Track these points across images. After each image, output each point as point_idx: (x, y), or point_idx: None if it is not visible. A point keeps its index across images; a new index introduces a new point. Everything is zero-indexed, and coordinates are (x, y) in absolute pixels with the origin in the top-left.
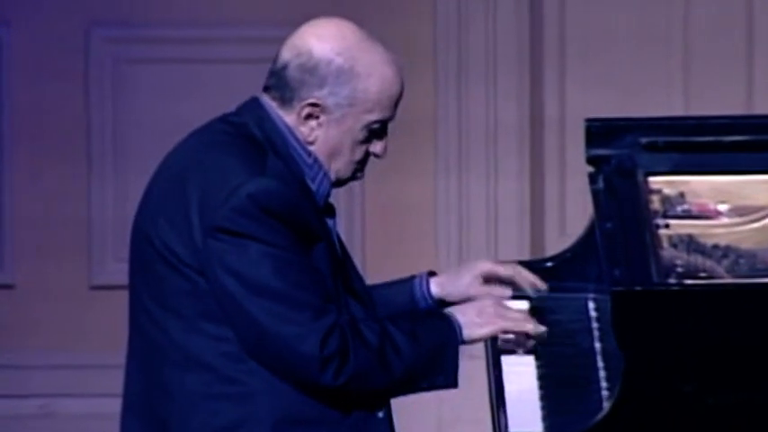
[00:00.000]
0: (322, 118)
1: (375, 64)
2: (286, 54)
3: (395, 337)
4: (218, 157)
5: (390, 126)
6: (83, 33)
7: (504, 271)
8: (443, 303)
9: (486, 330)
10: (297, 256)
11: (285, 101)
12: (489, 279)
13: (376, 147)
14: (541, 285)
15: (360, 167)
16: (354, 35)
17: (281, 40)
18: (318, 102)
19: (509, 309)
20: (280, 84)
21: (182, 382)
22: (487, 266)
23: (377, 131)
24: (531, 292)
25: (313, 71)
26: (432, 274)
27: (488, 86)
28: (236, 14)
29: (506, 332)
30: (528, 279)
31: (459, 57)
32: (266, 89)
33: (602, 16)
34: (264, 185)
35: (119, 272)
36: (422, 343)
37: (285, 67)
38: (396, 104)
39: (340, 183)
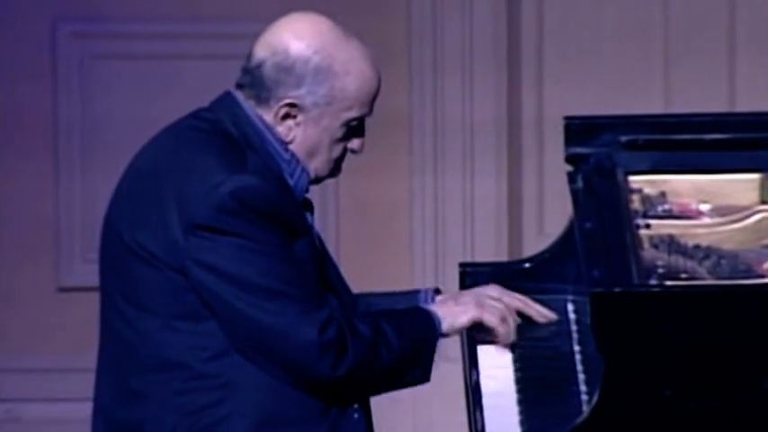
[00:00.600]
0: (300, 117)
1: (353, 61)
2: (261, 52)
3: (386, 331)
4: (195, 154)
5: (365, 124)
6: (49, 28)
7: (510, 302)
8: None
9: (466, 317)
10: (282, 252)
11: (261, 99)
12: None
13: (354, 143)
14: (551, 317)
15: (338, 165)
16: (331, 32)
17: (253, 36)
18: (296, 101)
19: (489, 298)
20: (255, 83)
21: (156, 382)
22: (495, 293)
23: (355, 129)
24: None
25: (290, 70)
26: (437, 291)
27: (464, 83)
28: (207, 10)
29: (483, 324)
30: (537, 311)
31: (435, 53)
32: (240, 87)
33: (581, 12)
34: (246, 182)
35: (87, 273)
36: (407, 338)
37: (260, 65)
38: (373, 100)
39: (318, 180)
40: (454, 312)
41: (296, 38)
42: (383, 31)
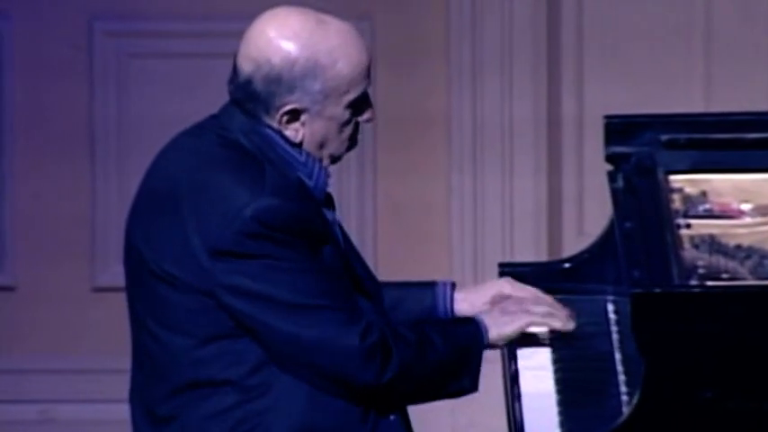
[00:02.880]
0: (303, 117)
1: (336, 48)
2: (246, 67)
3: (432, 337)
4: (214, 175)
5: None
6: (85, 27)
7: (524, 296)
8: None
9: (514, 326)
10: (312, 265)
11: (261, 111)
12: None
13: (364, 116)
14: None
15: (352, 141)
16: (305, 24)
17: None
18: (294, 106)
19: (532, 301)
20: (249, 98)
21: (191, 401)
22: (507, 289)
23: (359, 106)
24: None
25: (278, 80)
26: (453, 286)
27: (504, 82)
28: (243, 7)
29: (533, 325)
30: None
31: (474, 52)
32: (236, 102)
33: (621, 10)
34: (266, 204)
35: (122, 273)
36: (453, 343)
37: (249, 81)
38: (368, 73)
39: (336, 160)
40: (502, 322)
41: (274, 45)
42: (422, 29)
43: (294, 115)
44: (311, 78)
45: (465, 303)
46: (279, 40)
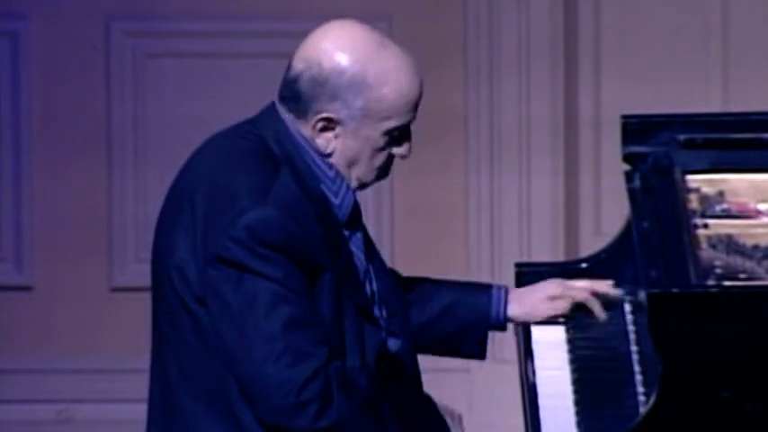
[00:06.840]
0: (338, 129)
1: (388, 72)
2: (297, 65)
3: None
4: (230, 182)
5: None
6: (102, 27)
7: (577, 296)
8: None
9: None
10: (292, 291)
11: (300, 113)
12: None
13: (400, 149)
14: (604, 317)
15: (384, 170)
16: (366, 41)
17: (306, 34)
18: (332, 115)
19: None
20: (293, 96)
21: (196, 411)
22: (559, 290)
23: (397, 137)
24: (600, 318)
25: (324, 84)
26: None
27: (521, 82)
28: (259, 7)
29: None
30: (598, 309)
31: (491, 51)
32: (281, 99)
33: (638, 9)
34: (263, 215)
35: (140, 273)
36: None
37: (297, 79)
38: (415, 108)
39: (363, 186)
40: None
41: (329, 50)
42: (439, 29)
43: (329, 125)
44: (355, 93)
45: (515, 305)
46: (335, 48)
